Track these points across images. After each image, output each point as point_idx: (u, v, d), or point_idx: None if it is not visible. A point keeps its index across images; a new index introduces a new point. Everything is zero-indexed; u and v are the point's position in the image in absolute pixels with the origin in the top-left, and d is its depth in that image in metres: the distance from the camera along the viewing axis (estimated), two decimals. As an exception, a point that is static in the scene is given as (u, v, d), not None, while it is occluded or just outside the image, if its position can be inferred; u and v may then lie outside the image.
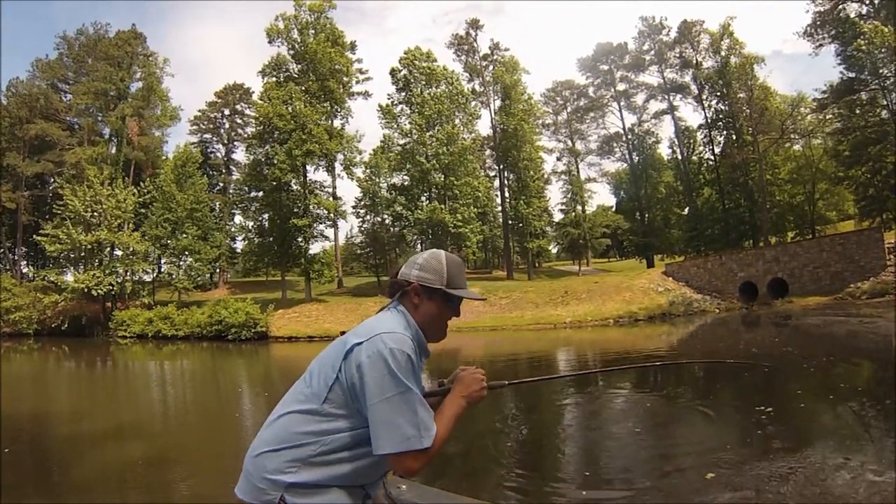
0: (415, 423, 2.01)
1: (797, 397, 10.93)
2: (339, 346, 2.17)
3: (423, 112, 48.29)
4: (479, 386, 2.31)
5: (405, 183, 50.76)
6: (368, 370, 2.01)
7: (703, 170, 60.02)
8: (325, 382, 2.10)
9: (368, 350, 2.03)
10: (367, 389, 2.01)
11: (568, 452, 9.26)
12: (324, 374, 2.14)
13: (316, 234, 48.38)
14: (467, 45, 60.51)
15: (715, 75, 55.63)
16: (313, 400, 2.11)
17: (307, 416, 2.10)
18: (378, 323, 2.17)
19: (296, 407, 2.15)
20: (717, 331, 27.25)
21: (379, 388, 2.00)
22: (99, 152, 53.41)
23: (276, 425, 2.15)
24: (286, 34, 48.62)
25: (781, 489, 6.23)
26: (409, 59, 50.73)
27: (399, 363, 2.01)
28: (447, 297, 2.28)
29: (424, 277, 2.27)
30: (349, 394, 2.07)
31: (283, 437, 2.10)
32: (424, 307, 2.27)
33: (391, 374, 2.00)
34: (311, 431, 2.08)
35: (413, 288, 2.26)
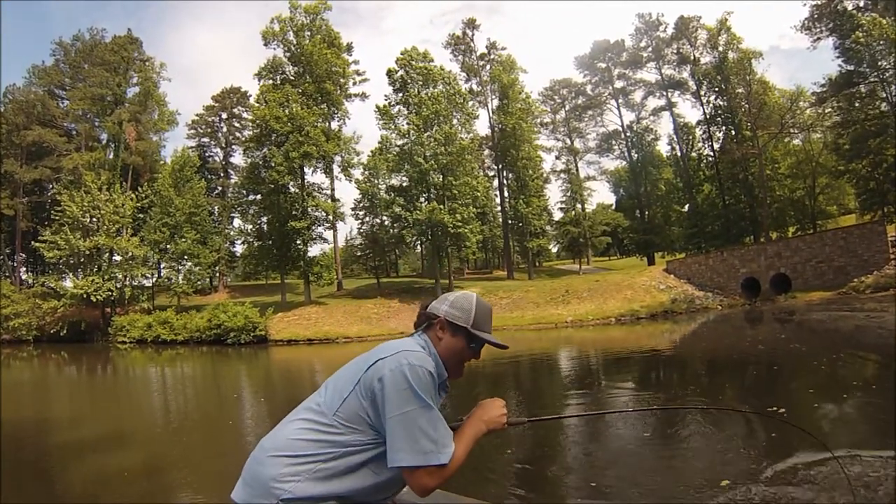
0: (433, 438, 2.02)
1: (810, 396, 10.64)
2: (358, 361, 2.22)
3: (421, 112, 48.05)
4: (499, 412, 2.33)
5: (403, 184, 50.53)
6: (390, 383, 2.03)
7: (702, 166, 59.92)
8: (340, 395, 2.13)
9: (391, 364, 2.07)
10: (387, 402, 2.03)
11: (572, 454, 9.05)
12: (339, 386, 2.17)
13: (315, 236, 48.18)
14: (464, 44, 60.43)
15: (713, 71, 55.58)
16: (324, 411, 2.13)
17: (315, 426, 2.11)
18: (402, 344, 2.22)
19: (305, 415, 2.16)
20: (720, 328, 27.00)
21: (399, 402, 2.02)
22: (96, 157, 53.43)
23: (282, 432, 2.16)
24: (282, 36, 48.46)
25: (800, 495, 6.01)
26: (405, 59, 50.50)
27: (420, 380, 2.05)
28: (470, 337, 2.34)
29: (452, 314, 2.33)
30: (365, 406, 2.08)
31: (286, 445, 2.10)
32: (447, 342, 2.32)
33: (412, 388, 2.02)
34: (317, 441, 2.08)
35: (440, 321, 2.33)
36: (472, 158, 51.86)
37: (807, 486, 6.15)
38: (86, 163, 51.54)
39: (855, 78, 45.23)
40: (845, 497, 5.89)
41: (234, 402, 16.35)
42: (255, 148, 49.09)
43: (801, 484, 6.21)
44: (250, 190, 51.86)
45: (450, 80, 51.95)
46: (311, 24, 49.12)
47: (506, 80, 55.43)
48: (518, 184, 56.31)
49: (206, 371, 28.30)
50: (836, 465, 6.31)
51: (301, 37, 48.39)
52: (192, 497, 7.83)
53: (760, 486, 6.31)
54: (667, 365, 17.84)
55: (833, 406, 9.82)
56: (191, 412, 15.82)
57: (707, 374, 14.85)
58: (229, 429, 12.21)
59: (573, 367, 19.52)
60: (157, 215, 48.67)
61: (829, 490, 6.04)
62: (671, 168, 65.26)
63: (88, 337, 44.98)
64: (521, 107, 56.27)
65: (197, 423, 13.67)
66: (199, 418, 14.47)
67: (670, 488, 6.87)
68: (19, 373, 30.47)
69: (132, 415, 15.30)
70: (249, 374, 26.31)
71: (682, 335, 26.33)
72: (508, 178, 58.61)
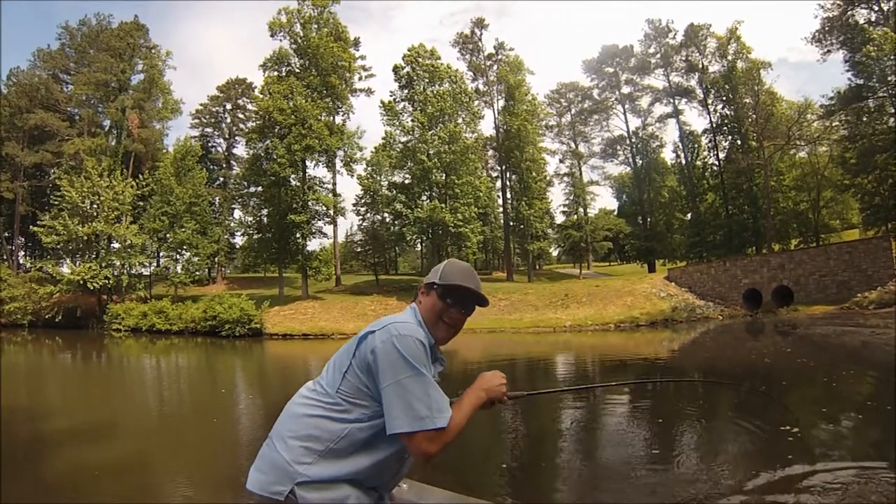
0: (428, 403, 2.06)
1: (823, 415, 10.18)
2: (355, 338, 2.24)
3: (426, 110, 47.84)
4: (499, 382, 2.39)
5: (406, 181, 50.32)
6: (381, 353, 2.09)
7: (706, 175, 59.66)
8: (340, 370, 2.19)
9: (382, 336, 2.12)
10: (380, 372, 2.08)
11: (572, 454, 9.00)
12: (338, 363, 2.23)
13: (314, 230, 47.84)
14: (472, 44, 60.14)
15: (721, 80, 55.35)
16: (328, 389, 2.19)
17: (321, 405, 2.17)
18: (394, 316, 2.27)
19: (310, 396, 2.23)
20: (722, 338, 26.63)
21: (392, 371, 2.07)
22: (98, 143, 53.11)
23: (290, 416, 2.22)
24: (289, 28, 48.21)
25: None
26: (412, 56, 50.29)
27: (410, 348, 2.09)
28: (443, 291, 2.36)
29: (428, 278, 2.44)
30: (363, 379, 2.13)
31: (296, 428, 2.15)
32: (425, 303, 2.38)
33: (403, 357, 2.07)
34: (325, 418, 2.14)
35: (419, 287, 2.46)
36: (475, 158, 51.67)
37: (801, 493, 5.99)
38: (87, 148, 51.23)
39: (864, 92, 44.99)
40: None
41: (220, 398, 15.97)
42: (257, 139, 48.84)
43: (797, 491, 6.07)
44: (251, 181, 51.72)
45: (456, 78, 51.78)
46: (318, 16, 48.88)
47: (512, 80, 55.13)
48: (521, 185, 55.99)
49: (198, 363, 27.90)
50: (862, 487, 6.08)
51: (308, 29, 48.11)
52: (158, 498, 7.53)
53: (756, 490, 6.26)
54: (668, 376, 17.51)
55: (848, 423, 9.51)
56: (175, 406, 15.42)
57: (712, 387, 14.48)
58: (211, 427, 11.83)
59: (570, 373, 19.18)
60: (157, 204, 48.39)
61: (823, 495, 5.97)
62: (675, 176, 65.04)
63: (83, 323, 44.74)
64: (527, 108, 55.92)
65: (180, 418, 13.26)
66: (183, 413, 14.10)
67: (669, 486, 6.90)
68: (13, 357, 30.15)
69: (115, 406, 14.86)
70: (240, 369, 25.93)
71: (683, 344, 25.95)
72: (511, 179, 58.30)
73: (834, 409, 10.71)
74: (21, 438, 10.83)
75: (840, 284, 33.39)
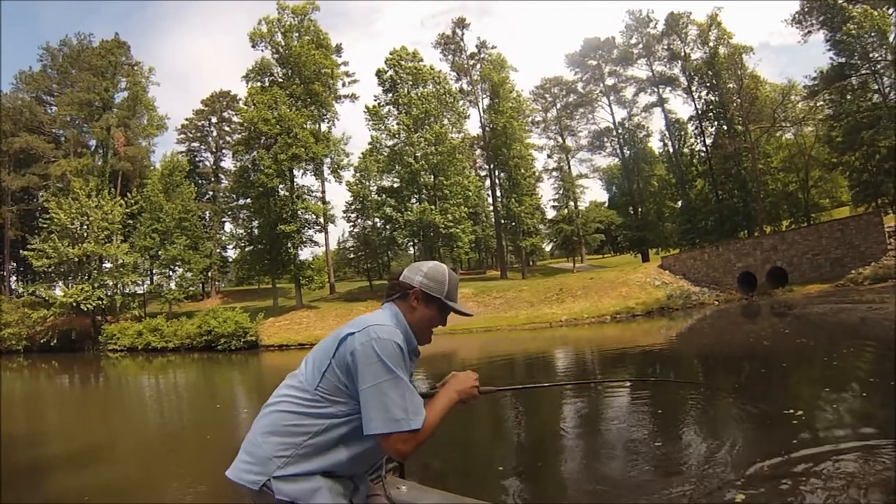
0: (403, 406, 2.12)
1: (826, 396, 10.00)
2: (332, 337, 2.28)
3: (411, 112, 47.80)
4: (471, 383, 2.45)
5: (394, 185, 50.25)
6: (361, 357, 2.13)
7: (695, 161, 59.81)
8: (319, 369, 2.21)
9: (361, 339, 2.16)
10: (359, 375, 2.13)
11: (571, 454, 8.87)
12: (317, 361, 2.24)
13: (305, 239, 47.73)
14: (454, 44, 60.00)
15: (704, 66, 55.54)
16: (307, 386, 2.22)
17: (300, 402, 2.20)
18: (371, 317, 2.32)
19: (288, 392, 2.26)
20: (719, 323, 26.56)
21: (370, 374, 2.12)
22: (84, 164, 52.91)
23: (271, 412, 2.26)
24: (269, 38, 48.06)
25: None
26: (394, 59, 50.26)
27: (388, 352, 2.14)
28: (442, 306, 2.47)
29: (427, 285, 2.44)
30: (342, 379, 2.18)
31: (274, 423, 2.21)
32: (421, 312, 2.43)
33: (381, 361, 2.12)
34: (302, 414, 2.18)
35: (415, 292, 2.43)
36: (463, 158, 51.67)
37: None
38: (73, 169, 51.02)
39: (846, 70, 45.20)
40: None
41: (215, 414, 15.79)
42: (243, 151, 48.73)
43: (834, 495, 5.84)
44: (240, 194, 51.54)
45: (440, 79, 51.79)
46: (298, 25, 48.77)
47: (496, 78, 55.00)
48: (510, 183, 55.85)
49: (193, 380, 27.70)
50: (865, 468, 6.00)
51: (289, 38, 48.01)
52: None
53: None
54: (668, 364, 17.40)
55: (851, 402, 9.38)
56: (170, 425, 15.18)
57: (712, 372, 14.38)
58: (204, 445, 11.64)
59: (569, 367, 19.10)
60: (147, 221, 48.02)
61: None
62: (663, 164, 65.26)
63: (79, 346, 44.26)
64: (512, 105, 55.79)
65: (173, 437, 13.00)
66: (177, 432, 13.85)
67: (671, 480, 6.78)
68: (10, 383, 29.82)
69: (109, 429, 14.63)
70: (236, 383, 25.77)
71: (680, 332, 25.88)
72: (500, 177, 58.13)
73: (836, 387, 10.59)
74: (18, 466, 10.66)
75: (833, 262, 33.37)
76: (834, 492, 5.68)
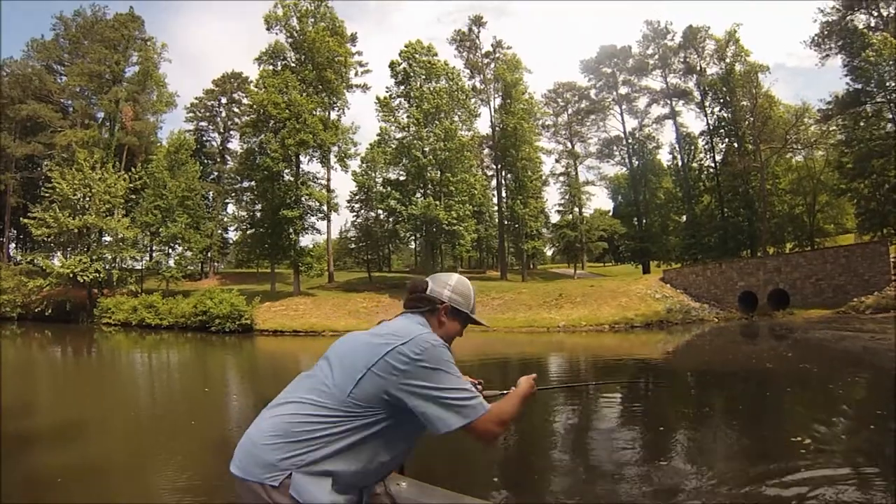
0: (471, 397, 2.20)
1: (837, 425, 9.72)
2: (371, 345, 2.26)
3: (422, 106, 47.54)
4: (531, 382, 2.68)
5: (400, 178, 50.06)
6: (420, 364, 2.16)
7: (703, 177, 59.66)
8: (352, 376, 2.18)
9: (415, 348, 2.18)
10: (423, 382, 2.15)
11: (568, 454, 8.94)
12: (349, 368, 2.21)
13: (307, 226, 47.53)
14: (469, 41, 59.76)
15: (719, 82, 55.30)
16: (336, 392, 2.17)
17: (324, 407, 2.15)
18: (413, 326, 2.35)
19: (312, 397, 2.19)
20: (718, 341, 26.20)
21: (435, 379, 2.16)
22: (91, 135, 52.84)
23: (290, 414, 2.17)
24: (285, 21, 47.73)
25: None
26: (409, 52, 49.99)
27: (447, 356, 2.23)
28: (466, 320, 2.60)
29: (456, 300, 2.54)
30: (384, 387, 2.15)
31: (295, 424, 2.13)
32: (449, 326, 2.53)
33: (443, 365, 2.19)
34: (331, 418, 2.13)
35: (445, 307, 2.51)
36: (470, 156, 51.46)
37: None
38: (79, 140, 50.84)
39: (862, 97, 45.01)
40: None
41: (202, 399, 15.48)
42: (251, 134, 48.40)
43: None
44: (245, 176, 51.33)
45: (453, 75, 51.52)
46: (314, 10, 48.55)
47: (509, 78, 54.73)
48: (516, 184, 55.62)
49: (184, 360, 27.41)
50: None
51: (304, 23, 47.69)
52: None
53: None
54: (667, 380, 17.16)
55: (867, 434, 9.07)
56: (155, 406, 14.87)
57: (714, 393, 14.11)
58: (188, 430, 11.23)
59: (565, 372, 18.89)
60: (150, 197, 47.83)
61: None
62: (671, 177, 65.03)
63: (74, 317, 44.02)
64: (524, 107, 55.53)
65: (156, 419, 12.64)
66: (161, 414, 13.47)
67: (661, 490, 6.79)
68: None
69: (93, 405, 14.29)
70: (227, 366, 25.50)
71: (679, 347, 25.58)
72: (507, 178, 57.89)
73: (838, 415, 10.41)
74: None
75: (836, 288, 33.18)
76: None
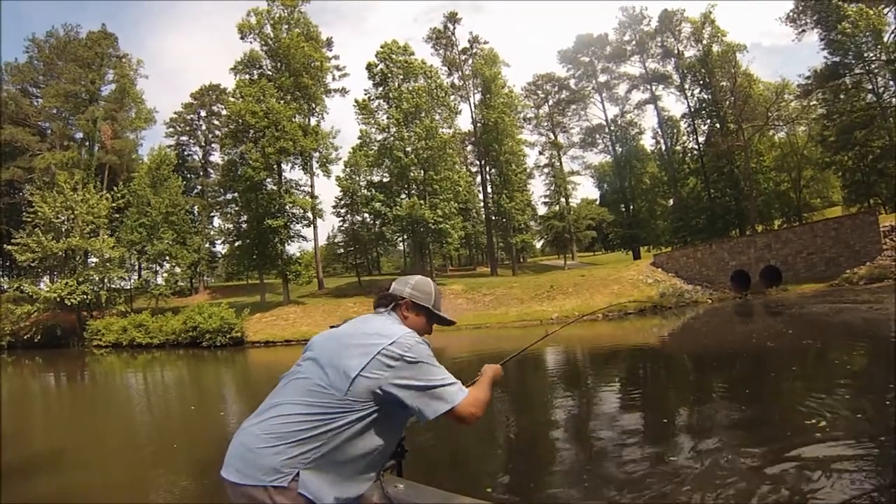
0: (452, 382, 2.27)
1: (850, 401, 9.22)
2: (360, 344, 2.28)
3: (401, 106, 47.27)
4: (497, 367, 2.76)
5: (384, 179, 49.82)
6: (407, 361, 2.22)
7: (687, 159, 59.87)
8: (346, 375, 2.19)
9: (403, 346, 2.25)
10: (411, 376, 2.21)
11: (566, 449, 8.81)
12: (342, 367, 2.22)
13: (293, 234, 47.02)
14: (445, 38, 59.56)
15: (697, 64, 55.45)
16: (334, 392, 2.19)
17: (325, 406, 2.17)
18: (394, 326, 2.41)
19: (307, 398, 2.20)
20: (715, 322, 26.01)
21: (421, 373, 2.23)
22: (70, 157, 52.22)
23: (288, 416, 2.18)
24: (258, 30, 47.30)
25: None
26: (385, 52, 49.69)
27: (427, 352, 2.29)
28: (429, 315, 2.63)
29: (416, 295, 2.60)
30: (379, 383, 2.19)
31: (294, 425, 2.14)
32: (413, 320, 2.57)
33: (427, 359, 2.27)
34: (329, 415, 2.15)
35: (405, 302, 2.58)
36: (453, 153, 51.28)
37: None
38: (58, 162, 50.29)
39: (840, 69, 45.06)
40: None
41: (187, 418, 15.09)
42: (231, 145, 48.02)
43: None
44: (227, 188, 50.91)
45: (431, 74, 51.31)
46: (288, 17, 48.12)
47: (488, 73, 54.58)
48: (501, 179, 55.51)
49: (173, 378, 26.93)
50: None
51: (278, 30, 47.31)
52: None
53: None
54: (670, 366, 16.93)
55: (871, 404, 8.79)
56: (137, 428, 14.26)
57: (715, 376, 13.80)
58: (169, 453, 10.73)
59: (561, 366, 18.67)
60: (134, 215, 47.45)
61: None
62: (656, 162, 65.15)
63: (64, 342, 43.43)
64: (504, 101, 55.40)
65: (135, 445, 12.03)
66: (142, 437, 12.86)
67: (664, 478, 6.64)
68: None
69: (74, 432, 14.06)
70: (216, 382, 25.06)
71: (677, 331, 25.41)
72: (491, 173, 57.77)
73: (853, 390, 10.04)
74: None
75: (828, 262, 33.07)
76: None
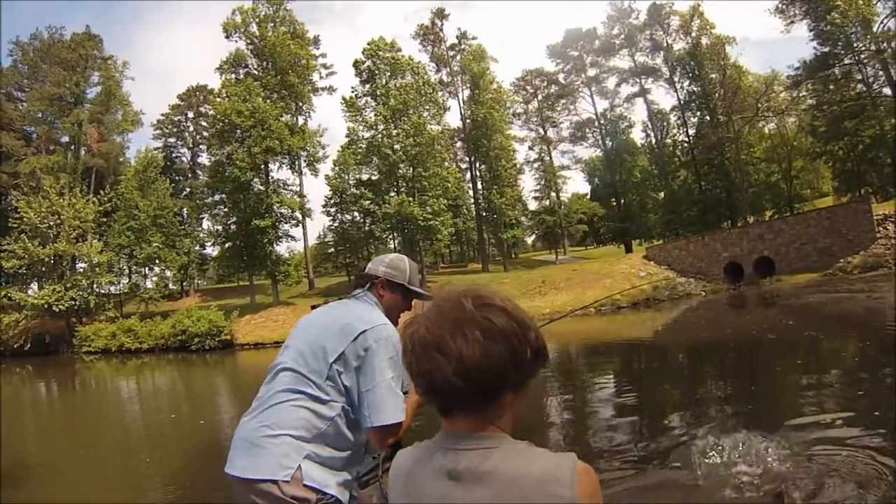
0: (401, 401, 2.25)
1: (866, 397, 8.67)
2: (336, 331, 2.30)
3: (389, 103, 46.95)
4: None
5: (373, 177, 49.50)
6: (378, 353, 2.25)
7: (677, 152, 59.94)
8: (325, 361, 2.24)
9: (375, 336, 2.27)
10: (376, 369, 2.23)
11: (564, 445, 8.53)
12: (321, 352, 2.26)
13: (281, 234, 46.76)
14: (433, 34, 59.16)
15: (686, 56, 55.35)
16: (316, 380, 2.23)
17: (310, 397, 2.21)
18: (371, 313, 2.42)
19: (298, 386, 2.23)
20: (711, 314, 25.69)
21: (386, 369, 2.24)
22: (55, 161, 51.61)
23: (283, 407, 2.21)
24: (244, 28, 46.94)
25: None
26: (372, 49, 49.34)
27: (398, 351, 2.22)
28: (406, 292, 2.64)
29: (391, 273, 2.61)
30: (347, 372, 2.24)
31: (293, 422, 2.17)
32: (388, 298, 2.60)
33: (393, 359, 2.26)
34: (321, 401, 2.21)
35: (380, 281, 2.60)
36: (441, 149, 50.99)
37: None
38: (44, 166, 49.62)
39: (830, 60, 44.92)
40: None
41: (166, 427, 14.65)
42: (217, 145, 47.59)
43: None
44: (215, 189, 50.38)
45: (418, 70, 51.03)
46: (273, 14, 47.77)
47: (476, 69, 54.27)
48: (491, 174, 55.22)
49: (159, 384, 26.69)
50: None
51: (264, 28, 46.99)
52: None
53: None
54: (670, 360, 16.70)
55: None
56: (113, 440, 13.61)
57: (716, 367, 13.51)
58: (142, 468, 10.20)
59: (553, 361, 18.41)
60: (122, 219, 46.97)
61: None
62: (646, 155, 65.09)
63: (54, 349, 42.79)
64: (493, 97, 55.11)
65: (107, 459, 11.48)
66: (114, 451, 12.32)
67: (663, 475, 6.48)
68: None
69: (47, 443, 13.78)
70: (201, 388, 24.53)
71: (671, 324, 25.13)
72: (481, 168, 57.46)
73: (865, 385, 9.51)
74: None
75: (821, 251, 32.87)
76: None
